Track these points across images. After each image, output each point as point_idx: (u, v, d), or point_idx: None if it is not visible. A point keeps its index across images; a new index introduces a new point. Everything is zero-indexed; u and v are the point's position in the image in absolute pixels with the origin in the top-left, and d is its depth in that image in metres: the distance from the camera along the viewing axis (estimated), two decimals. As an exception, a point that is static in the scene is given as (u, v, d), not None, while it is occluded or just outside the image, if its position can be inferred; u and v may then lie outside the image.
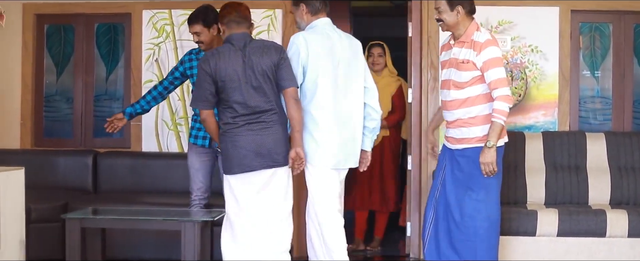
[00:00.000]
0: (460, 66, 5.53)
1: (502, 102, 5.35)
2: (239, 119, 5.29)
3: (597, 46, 7.28)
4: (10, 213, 5.09)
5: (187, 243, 5.28)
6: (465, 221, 5.54)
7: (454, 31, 5.64)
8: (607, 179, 6.62)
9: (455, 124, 5.61)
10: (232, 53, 5.32)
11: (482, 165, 5.41)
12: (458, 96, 5.55)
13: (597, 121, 7.29)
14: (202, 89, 5.31)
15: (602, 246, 6.13)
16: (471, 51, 5.49)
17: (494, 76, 5.39)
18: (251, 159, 5.26)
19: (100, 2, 7.53)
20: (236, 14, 5.48)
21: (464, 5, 5.55)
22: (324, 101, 5.37)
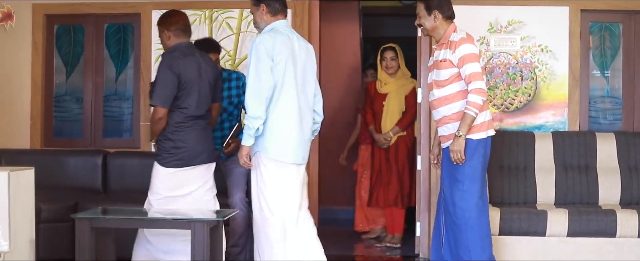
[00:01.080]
0: (440, 65, 5.70)
1: (475, 95, 5.50)
2: (189, 119, 5.79)
3: (607, 45, 7.26)
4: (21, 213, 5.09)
5: (196, 244, 5.27)
6: (457, 212, 5.65)
7: (433, 36, 5.86)
8: (617, 179, 6.61)
9: (441, 122, 5.76)
10: (190, 59, 5.78)
11: (451, 152, 5.59)
12: (440, 94, 5.71)
13: (607, 120, 7.27)
14: (168, 88, 5.67)
15: (612, 247, 6.12)
16: (448, 50, 5.65)
17: (469, 70, 5.55)
18: (199, 155, 5.82)
19: (109, 3, 7.54)
20: (183, 23, 5.92)
21: (441, 11, 5.74)
22: (289, 99, 5.53)
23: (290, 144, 5.55)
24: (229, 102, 6.54)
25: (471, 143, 5.60)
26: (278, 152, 5.53)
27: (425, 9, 5.76)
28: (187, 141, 5.79)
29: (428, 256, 7.21)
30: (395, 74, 7.83)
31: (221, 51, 6.66)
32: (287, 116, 5.53)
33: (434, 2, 5.74)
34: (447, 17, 5.75)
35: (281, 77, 5.48)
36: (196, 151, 5.82)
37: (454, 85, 5.63)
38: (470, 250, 5.62)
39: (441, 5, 5.74)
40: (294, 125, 5.56)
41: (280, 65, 5.47)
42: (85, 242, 5.37)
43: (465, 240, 5.64)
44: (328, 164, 9.11)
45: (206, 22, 7.39)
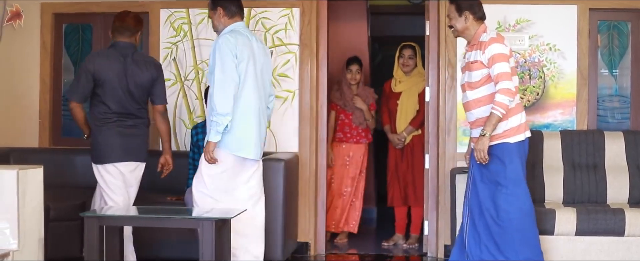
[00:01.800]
0: (471, 67, 5.71)
1: (501, 95, 5.50)
2: (111, 115, 5.99)
3: (615, 44, 7.25)
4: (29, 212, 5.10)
5: (205, 242, 5.28)
6: (501, 215, 5.67)
7: (464, 37, 5.86)
8: (626, 178, 6.60)
9: (475, 124, 5.75)
10: (115, 59, 6.01)
11: (475, 151, 5.63)
12: (473, 96, 5.72)
13: (615, 119, 7.26)
14: (81, 84, 5.96)
15: (620, 245, 6.10)
16: (479, 51, 5.66)
17: (497, 70, 5.55)
18: (118, 153, 5.99)
19: (118, 1, 7.55)
20: (119, 23, 6.15)
21: (472, 11, 5.75)
22: (249, 97, 5.73)
23: (250, 140, 5.77)
24: None
25: (510, 147, 5.64)
26: (238, 148, 5.73)
27: (456, 10, 5.78)
28: (103, 138, 6.02)
29: (436, 255, 7.22)
30: (410, 73, 7.86)
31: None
32: (247, 114, 5.74)
33: (464, 3, 5.75)
34: (478, 17, 5.77)
35: (243, 76, 5.69)
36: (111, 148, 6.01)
37: (487, 87, 5.65)
38: (517, 251, 5.67)
39: (472, 6, 5.75)
40: (254, 122, 5.78)
41: (242, 64, 5.68)
42: (94, 241, 5.39)
43: (511, 241, 5.67)
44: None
45: (214, 21, 7.39)
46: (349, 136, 8.10)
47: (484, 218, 5.75)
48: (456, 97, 7.13)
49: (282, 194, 6.57)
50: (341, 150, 8.12)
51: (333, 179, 8.11)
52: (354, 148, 8.12)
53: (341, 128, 8.11)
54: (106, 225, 5.54)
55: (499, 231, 5.69)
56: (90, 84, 5.96)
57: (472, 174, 5.86)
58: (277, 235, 6.55)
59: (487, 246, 5.74)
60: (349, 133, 8.11)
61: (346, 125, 8.10)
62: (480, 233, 5.77)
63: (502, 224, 5.67)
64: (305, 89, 7.33)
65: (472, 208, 5.84)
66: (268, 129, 7.26)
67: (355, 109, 8.04)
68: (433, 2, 7.30)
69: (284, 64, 7.34)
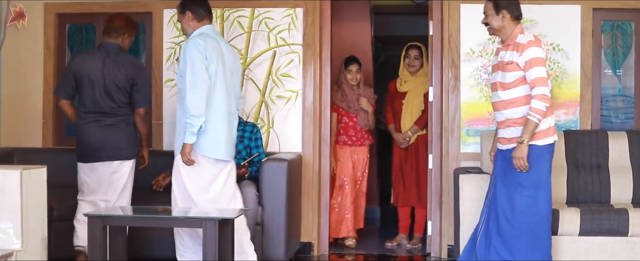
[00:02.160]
0: (506, 68, 5.66)
1: (538, 102, 5.49)
2: (88, 115, 6.24)
3: (619, 44, 7.25)
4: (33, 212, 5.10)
5: (208, 242, 5.28)
6: (517, 217, 5.66)
7: (499, 35, 5.81)
8: (629, 178, 6.59)
9: (505, 124, 5.74)
10: (97, 58, 6.24)
11: (514, 159, 5.58)
12: (505, 97, 5.69)
13: (619, 119, 7.26)
14: (63, 81, 6.31)
15: (624, 246, 6.10)
16: (515, 52, 5.62)
17: (534, 75, 5.53)
18: (97, 152, 6.19)
19: (121, 2, 7.55)
20: (108, 24, 6.40)
21: (509, 10, 5.70)
22: (220, 99, 5.84)
23: (222, 142, 5.89)
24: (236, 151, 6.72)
25: (538, 149, 5.62)
26: (210, 149, 5.84)
27: (494, 8, 5.73)
28: (80, 137, 6.30)
29: (439, 255, 7.21)
30: (416, 73, 7.84)
31: None
32: (218, 115, 5.85)
33: (502, 2, 5.71)
34: (515, 17, 5.73)
35: (213, 78, 5.80)
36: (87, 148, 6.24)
37: (520, 88, 5.63)
38: (527, 254, 5.68)
39: (510, 5, 5.72)
40: (224, 124, 5.89)
41: (212, 66, 5.78)
42: (97, 240, 5.39)
43: (523, 244, 5.68)
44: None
45: (217, 21, 7.39)
46: (354, 139, 7.98)
47: (498, 218, 5.74)
48: (459, 97, 7.13)
49: (285, 194, 6.57)
50: (346, 153, 7.98)
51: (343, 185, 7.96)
52: (358, 150, 8.02)
53: (345, 131, 7.97)
54: (110, 224, 5.54)
55: (511, 233, 5.68)
56: (72, 81, 6.28)
57: (495, 174, 5.86)
58: (280, 235, 6.55)
59: (495, 248, 5.74)
60: (354, 135, 7.98)
61: (350, 128, 7.96)
62: (491, 233, 5.78)
63: (516, 226, 5.66)
64: (309, 89, 7.33)
65: (490, 208, 5.84)
66: (271, 129, 7.28)
67: (360, 111, 7.92)
68: (436, 2, 7.29)
69: (287, 64, 7.34)
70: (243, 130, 6.82)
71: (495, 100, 5.81)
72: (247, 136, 6.85)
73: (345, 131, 7.94)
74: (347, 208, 7.91)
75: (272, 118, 7.36)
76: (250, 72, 7.38)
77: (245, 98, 7.33)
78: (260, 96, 7.36)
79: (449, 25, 7.17)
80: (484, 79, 7.09)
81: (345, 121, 7.95)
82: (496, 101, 5.79)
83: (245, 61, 7.38)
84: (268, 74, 7.37)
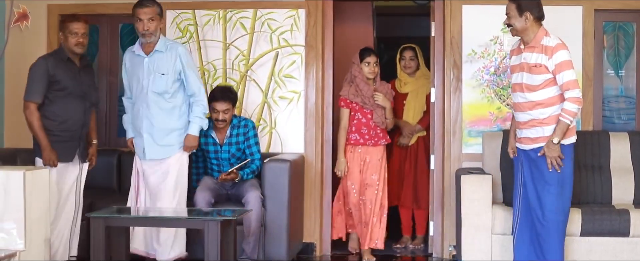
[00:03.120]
0: (533, 70, 5.70)
1: (571, 104, 5.58)
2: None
3: (621, 45, 7.25)
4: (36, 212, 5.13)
5: (210, 242, 5.30)
6: (547, 215, 5.75)
7: (522, 36, 5.83)
8: (631, 178, 6.60)
9: (529, 124, 5.79)
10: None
11: (549, 158, 5.67)
12: (532, 98, 5.74)
13: (621, 120, 7.26)
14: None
15: (625, 246, 6.12)
16: (542, 55, 5.67)
17: (566, 78, 5.60)
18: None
19: (124, 3, 7.56)
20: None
21: (532, 12, 5.74)
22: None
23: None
24: (237, 148, 6.80)
25: (564, 148, 5.73)
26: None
27: (517, 9, 5.76)
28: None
29: (441, 255, 7.22)
30: (414, 74, 7.82)
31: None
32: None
33: (525, 2, 5.74)
34: (537, 18, 5.77)
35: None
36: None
37: (548, 90, 5.69)
38: (556, 252, 5.76)
39: (532, 6, 5.75)
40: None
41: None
42: (100, 241, 5.41)
43: (553, 242, 5.76)
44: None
45: (220, 22, 7.41)
46: (367, 137, 7.20)
47: (531, 221, 5.84)
48: (461, 98, 7.14)
49: (288, 194, 6.58)
50: (356, 155, 7.22)
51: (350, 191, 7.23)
52: (371, 151, 7.20)
53: (357, 129, 7.19)
54: (112, 225, 5.56)
55: (542, 232, 5.77)
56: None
57: (523, 175, 5.91)
58: (282, 236, 6.57)
59: (532, 248, 5.86)
60: (367, 134, 7.21)
61: (363, 125, 7.19)
62: (525, 236, 5.89)
63: (546, 224, 5.74)
64: (311, 90, 7.34)
65: (521, 209, 5.91)
66: (273, 130, 7.30)
67: (376, 106, 7.18)
68: (438, 3, 7.30)
69: (289, 65, 7.36)
70: (237, 128, 6.84)
71: (519, 101, 5.84)
72: (242, 140, 6.84)
73: (357, 129, 7.20)
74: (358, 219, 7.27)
75: (275, 119, 7.38)
76: (252, 73, 7.40)
77: (248, 99, 7.36)
78: (263, 97, 7.38)
79: (451, 26, 7.18)
80: (486, 80, 7.10)
81: (358, 118, 7.21)
82: (521, 102, 5.82)
83: (248, 62, 7.40)
84: (270, 75, 7.38)
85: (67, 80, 6.15)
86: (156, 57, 6.36)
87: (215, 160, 6.77)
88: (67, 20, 6.27)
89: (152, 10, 6.31)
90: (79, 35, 6.20)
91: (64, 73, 6.14)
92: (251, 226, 6.41)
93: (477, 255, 6.27)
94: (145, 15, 6.29)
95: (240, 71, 7.41)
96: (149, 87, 6.33)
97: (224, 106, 6.66)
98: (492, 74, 7.14)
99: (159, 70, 6.32)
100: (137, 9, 6.33)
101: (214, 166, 6.80)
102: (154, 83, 6.32)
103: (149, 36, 6.31)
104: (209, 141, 6.77)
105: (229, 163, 6.75)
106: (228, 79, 7.39)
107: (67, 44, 6.21)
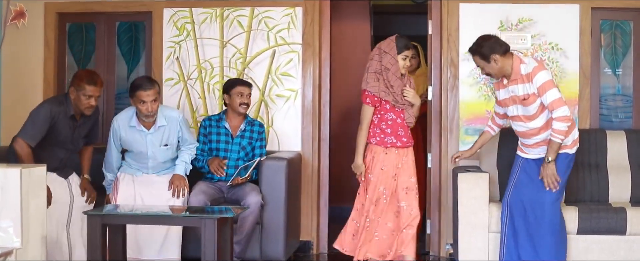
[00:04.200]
0: (524, 102, 5.84)
1: (559, 123, 5.70)
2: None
3: (618, 43, 7.25)
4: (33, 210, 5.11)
5: (207, 241, 5.30)
6: (545, 217, 5.86)
7: (504, 76, 5.92)
8: (628, 177, 6.60)
9: (536, 145, 5.96)
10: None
11: (545, 178, 5.82)
12: (533, 125, 5.90)
13: (617, 118, 7.26)
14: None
15: (622, 244, 6.12)
16: (527, 84, 5.78)
17: (550, 98, 5.72)
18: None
19: (121, 1, 7.56)
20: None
21: (496, 51, 5.81)
22: None
23: None
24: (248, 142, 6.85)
25: (568, 157, 5.94)
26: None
27: (482, 59, 5.87)
28: None
29: (438, 253, 7.22)
30: (414, 72, 7.82)
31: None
32: None
33: (485, 49, 5.83)
34: (503, 52, 5.84)
35: None
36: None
37: (545, 114, 5.84)
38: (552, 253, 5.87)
39: (493, 47, 5.83)
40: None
41: None
42: (96, 239, 5.41)
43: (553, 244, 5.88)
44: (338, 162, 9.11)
45: (217, 20, 7.41)
46: (404, 140, 6.35)
47: (526, 220, 5.91)
48: (458, 96, 7.14)
49: (285, 192, 6.58)
50: (392, 157, 6.33)
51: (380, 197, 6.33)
52: (408, 153, 6.40)
53: (394, 131, 6.30)
54: (109, 223, 5.55)
55: (540, 233, 5.85)
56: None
57: (517, 178, 6.04)
58: (279, 234, 6.56)
59: (524, 248, 5.91)
60: (404, 135, 6.35)
61: (399, 126, 6.32)
62: (519, 236, 5.94)
63: (544, 225, 5.86)
64: (308, 88, 7.34)
65: (512, 210, 5.99)
66: (270, 127, 7.31)
67: (407, 105, 6.37)
68: (435, 2, 7.30)
69: (286, 63, 7.36)
70: (252, 125, 6.86)
71: (523, 130, 5.97)
72: (256, 137, 6.86)
73: (393, 131, 6.32)
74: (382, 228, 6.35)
75: (272, 117, 7.38)
76: (249, 71, 7.40)
77: (245, 97, 7.38)
78: (260, 95, 7.38)
79: (448, 24, 7.18)
80: (483, 78, 7.10)
81: (391, 118, 6.34)
82: (525, 130, 5.95)
83: (245, 60, 7.40)
84: (267, 73, 7.38)
85: (62, 135, 6.16)
86: (159, 132, 6.49)
87: (224, 152, 6.74)
88: (84, 80, 6.05)
89: (154, 92, 6.32)
90: (92, 99, 6.08)
91: (62, 127, 6.14)
92: (245, 226, 6.40)
93: (474, 253, 6.27)
94: (149, 97, 6.29)
95: (237, 69, 7.41)
96: (154, 157, 6.54)
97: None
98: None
99: (163, 142, 6.51)
100: (139, 91, 6.29)
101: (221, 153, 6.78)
102: (159, 154, 6.53)
103: (152, 117, 6.41)
104: (222, 132, 6.78)
105: (237, 155, 6.75)
106: (225, 77, 7.38)
107: (79, 103, 6.07)
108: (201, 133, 6.82)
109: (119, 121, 6.52)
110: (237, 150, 6.74)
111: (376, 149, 6.33)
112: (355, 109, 9.34)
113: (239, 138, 6.76)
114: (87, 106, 6.07)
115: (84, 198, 6.29)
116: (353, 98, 9.45)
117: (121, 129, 6.49)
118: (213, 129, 6.78)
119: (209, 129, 6.79)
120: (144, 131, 6.44)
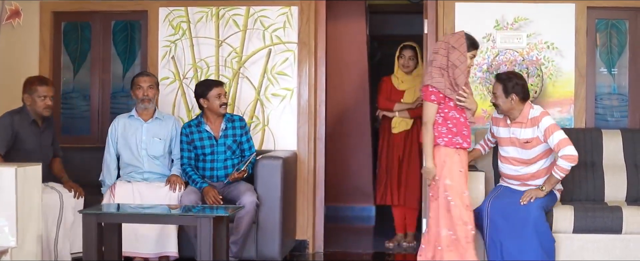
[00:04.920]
0: (526, 145, 5.96)
1: (565, 162, 5.85)
2: None
3: (613, 42, 7.26)
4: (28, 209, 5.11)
5: (202, 240, 5.29)
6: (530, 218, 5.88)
7: (508, 114, 6.03)
8: (623, 176, 6.61)
9: (523, 184, 6.09)
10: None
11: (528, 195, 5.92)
12: (528, 171, 6.06)
13: (613, 118, 7.27)
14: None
15: (618, 243, 6.12)
16: (534, 128, 5.92)
17: (557, 138, 5.86)
18: None
19: (117, 0, 7.56)
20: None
21: (518, 94, 5.94)
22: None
23: None
24: (233, 140, 6.82)
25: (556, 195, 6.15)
26: None
27: (503, 90, 5.96)
28: None
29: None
30: (411, 73, 7.80)
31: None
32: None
33: (512, 84, 5.94)
34: (521, 98, 5.96)
35: None
36: None
37: (541, 162, 6.01)
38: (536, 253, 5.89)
39: (518, 89, 5.95)
40: None
41: None
42: (92, 237, 5.40)
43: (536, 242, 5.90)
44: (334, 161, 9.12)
45: (212, 19, 7.41)
46: (469, 140, 5.93)
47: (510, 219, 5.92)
48: (454, 95, 7.13)
49: (280, 192, 6.57)
50: (463, 158, 5.90)
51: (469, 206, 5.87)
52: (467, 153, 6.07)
53: (459, 131, 5.84)
54: (105, 222, 5.55)
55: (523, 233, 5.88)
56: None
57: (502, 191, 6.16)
58: (274, 233, 6.56)
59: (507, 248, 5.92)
60: (468, 136, 5.92)
61: (463, 125, 5.88)
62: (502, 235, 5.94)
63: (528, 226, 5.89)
64: (304, 87, 7.34)
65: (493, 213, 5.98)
66: (266, 127, 7.30)
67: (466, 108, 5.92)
68: (431, 1, 7.30)
69: (282, 62, 7.35)
70: (232, 121, 6.84)
71: (514, 173, 6.09)
72: (239, 132, 6.84)
73: (459, 131, 5.87)
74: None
75: (267, 116, 7.37)
76: (245, 70, 7.39)
77: (241, 96, 7.36)
78: (256, 94, 7.38)
79: (444, 24, 7.18)
80: (479, 77, 7.10)
81: (455, 117, 5.89)
82: (514, 174, 6.08)
83: (241, 59, 7.39)
84: (263, 72, 7.38)
85: (29, 143, 6.29)
86: (155, 123, 6.74)
87: (210, 156, 6.74)
88: (34, 83, 6.37)
89: (151, 79, 6.78)
90: (47, 98, 6.33)
91: (27, 135, 6.29)
92: (241, 226, 6.40)
93: (470, 252, 6.27)
94: (146, 82, 6.74)
95: (233, 68, 7.40)
96: (147, 150, 6.67)
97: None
98: (485, 71, 7.14)
99: (157, 135, 6.71)
100: (137, 77, 6.80)
101: (207, 163, 6.77)
102: (151, 147, 6.69)
103: (147, 102, 6.70)
104: (204, 136, 6.75)
105: (224, 155, 6.75)
106: (221, 76, 7.38)
107: (35, 106, 6.34)
108: (183, 141, 6.78)
109: (119, 117, 6.85)
110: (223, 151, 6.74)
111: (446, 151, 5.82)
112: (351, 109, 9.39)
113: (223, 139, 6.75)
114: (45, 107, 6.34)
115: (71, 194, 6.35)
116: (349, 97, 9.46)
117: (119, 124, 6.73)
118: (195, 135, 6.77)
119: (191, 136, 6.77)
120: (141, 120, 6.69)
